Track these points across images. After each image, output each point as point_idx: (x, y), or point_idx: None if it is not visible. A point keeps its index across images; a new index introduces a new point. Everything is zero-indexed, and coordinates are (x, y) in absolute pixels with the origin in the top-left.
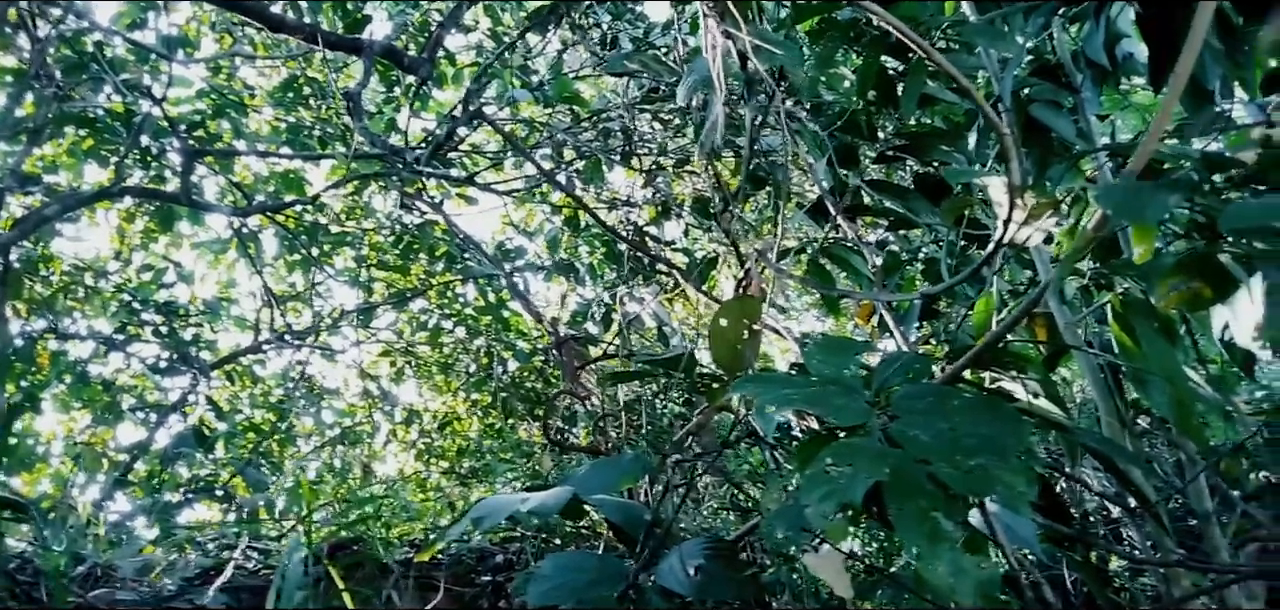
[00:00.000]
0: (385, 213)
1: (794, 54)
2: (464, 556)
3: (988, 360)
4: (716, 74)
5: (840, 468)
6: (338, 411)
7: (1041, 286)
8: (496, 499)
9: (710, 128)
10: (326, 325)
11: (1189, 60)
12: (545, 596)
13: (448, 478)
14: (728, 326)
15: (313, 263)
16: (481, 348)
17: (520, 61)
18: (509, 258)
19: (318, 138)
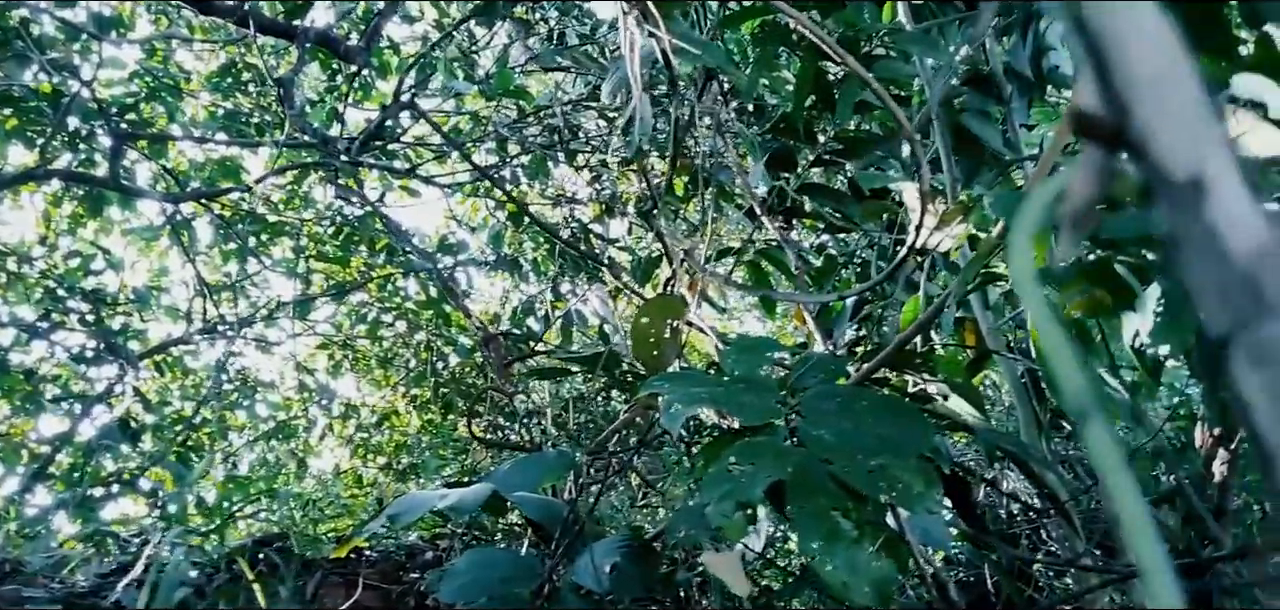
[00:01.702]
0: (324, 204)
1: (716, 54)
2: (393, 553)
3: (901, 363)
4: (633, 73)
5: (742, 466)
6: (272, 405)
7: (945, 293)
8: (415, 495)
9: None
10: (262, 316)
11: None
12: (458, 593)
13: (385, 473)
14: (649, 325)
15: (249, 252)
16: (422, 343)
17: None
18: (451, 252)
19: (255, 125)
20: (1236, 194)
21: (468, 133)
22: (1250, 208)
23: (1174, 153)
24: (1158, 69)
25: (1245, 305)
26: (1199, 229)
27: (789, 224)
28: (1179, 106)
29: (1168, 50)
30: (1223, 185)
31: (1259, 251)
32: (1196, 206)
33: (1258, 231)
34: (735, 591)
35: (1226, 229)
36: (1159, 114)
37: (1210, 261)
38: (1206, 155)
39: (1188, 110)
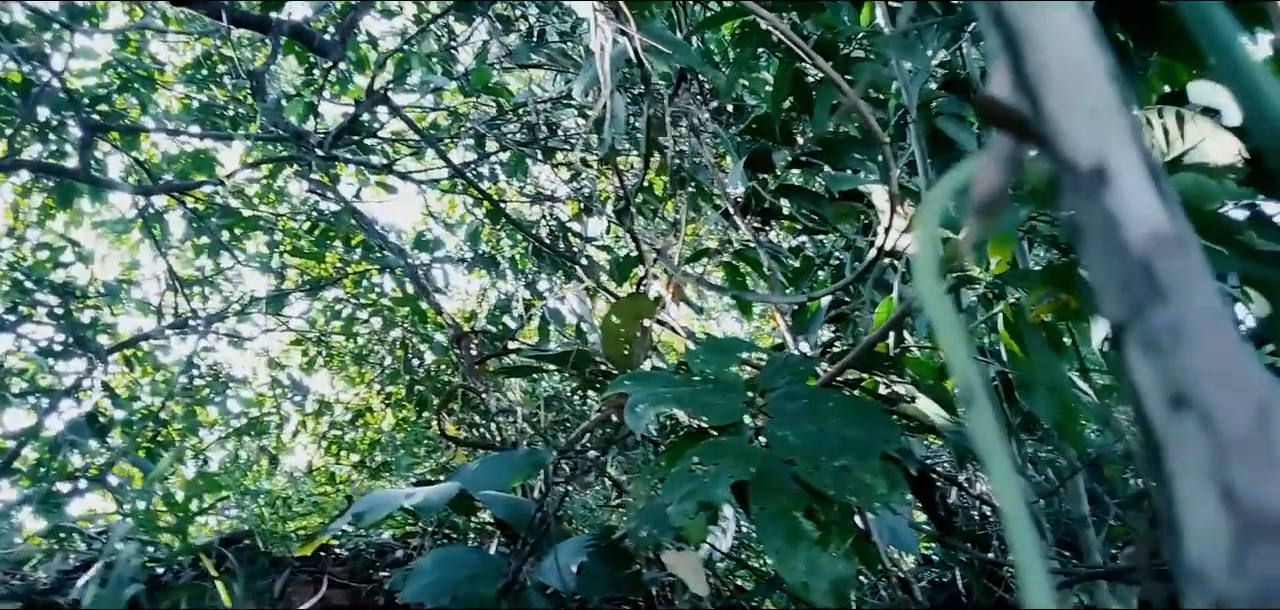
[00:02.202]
0: (299, 198)
1: (688, 53)
2: (362, 551)
3: (870, 364)
4: (603, 72)
5: (705, 466)
6: (244, 401)
7: (913, 297)
8: (382, 493)
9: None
10: (235, 311)
11: None
12: (422, 592)
13: (358, 471)
14: (620, 324)
15: (222, 246)
16: (397, 340)
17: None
18: (428, 249)
19: (230, 118)
20: (1138, 183)
21: (446, 129)
22: (1151, 197)
23: (1079, 142)
24: (1069, 59)
25: (1139, 293)
26: (1099, 217)
27: (766, 225)
28: (1087, 96)
29: (1080, 41)
30: (1125, 174)
31: (1155, 239)
32: (1098, 195)
33: (1156, 220)
34: (695, 591)
35: (1125, 217)
36: (1067, 103)
37: (1109, 250)
38: (1111, 145)
39: (1095, 100)
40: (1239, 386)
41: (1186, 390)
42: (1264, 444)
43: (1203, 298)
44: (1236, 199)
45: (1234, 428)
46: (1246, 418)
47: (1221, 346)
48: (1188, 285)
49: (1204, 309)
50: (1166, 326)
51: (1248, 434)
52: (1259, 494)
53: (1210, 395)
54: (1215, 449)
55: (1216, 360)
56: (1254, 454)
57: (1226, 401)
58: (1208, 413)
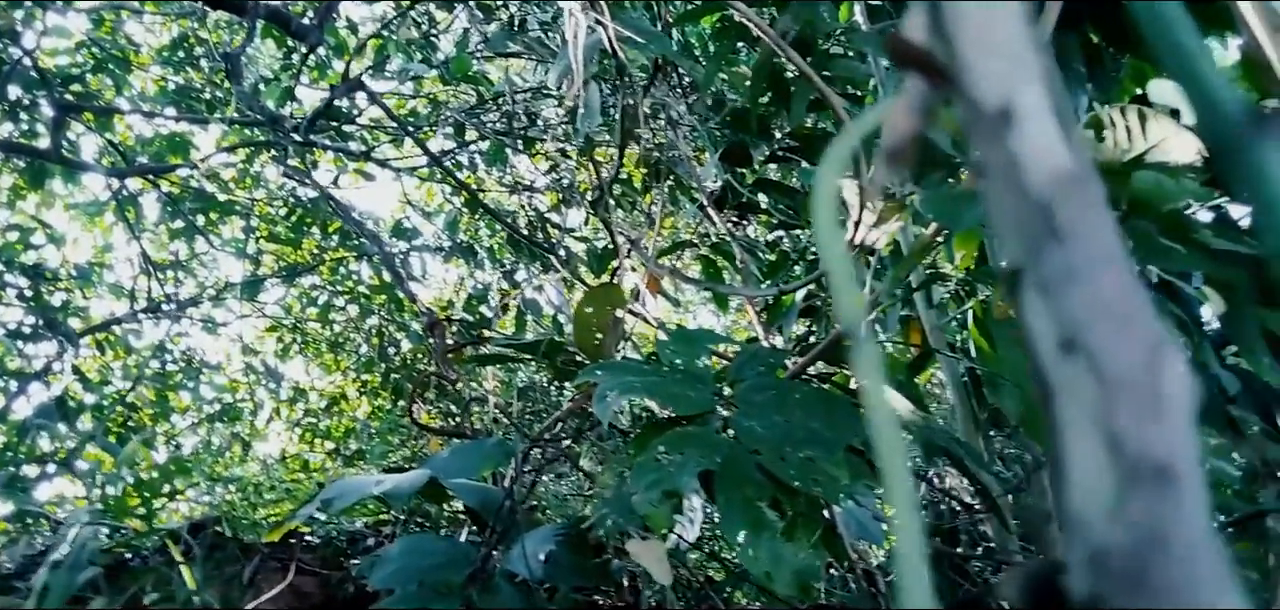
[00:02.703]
0: (276, 184)
1: (664, 45)
2: (334, 539)
3: (837, 358)
4: (576, 62)
5: (671, 456)
6: (217, 387)
7: (879, 291)
8: (351, 480)
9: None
10: (209, 297)
11: None
12: (388, 579)
13: (332, 459)
14: (591, 313)
15: (196, 231)
16: (374, 327)
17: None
18: (405, 237)
19: (206, 101)
20: (1043, 125)
21: (425, 117)
22: (1055, 138)
23: (987, 82)
24: None
25: (1037, 235)
26: (1002, 159)
27: (743, 218)
28: (997, 37)
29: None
30: (1030, 116)
31: (1055, 179)
32: (1002, 136)
33: (1058, 161)
34: (658, 580)
35: (1027, 158)
36: (977, 44)
37: (1010, 192)
38: (1018, 86)
39: (1006, 41)
40: (1129, 329)
41: (1076, 334)
42: (1151, 388)
43: (1099, 240)
44: (1196, 198)
45: (1121, 371)
46: (1135, 361)
47: (1113, 289)
48: (1085, 227)
49: (1099, 251)
50: (1061, 268)
51: (1135, 378)
52: (1142, 439)
53: (1099, 338)
54: (1102, 393)
55: (1107, 303)
56: (1140, 398)
57: (1115, 345)
58: (1096, 356)
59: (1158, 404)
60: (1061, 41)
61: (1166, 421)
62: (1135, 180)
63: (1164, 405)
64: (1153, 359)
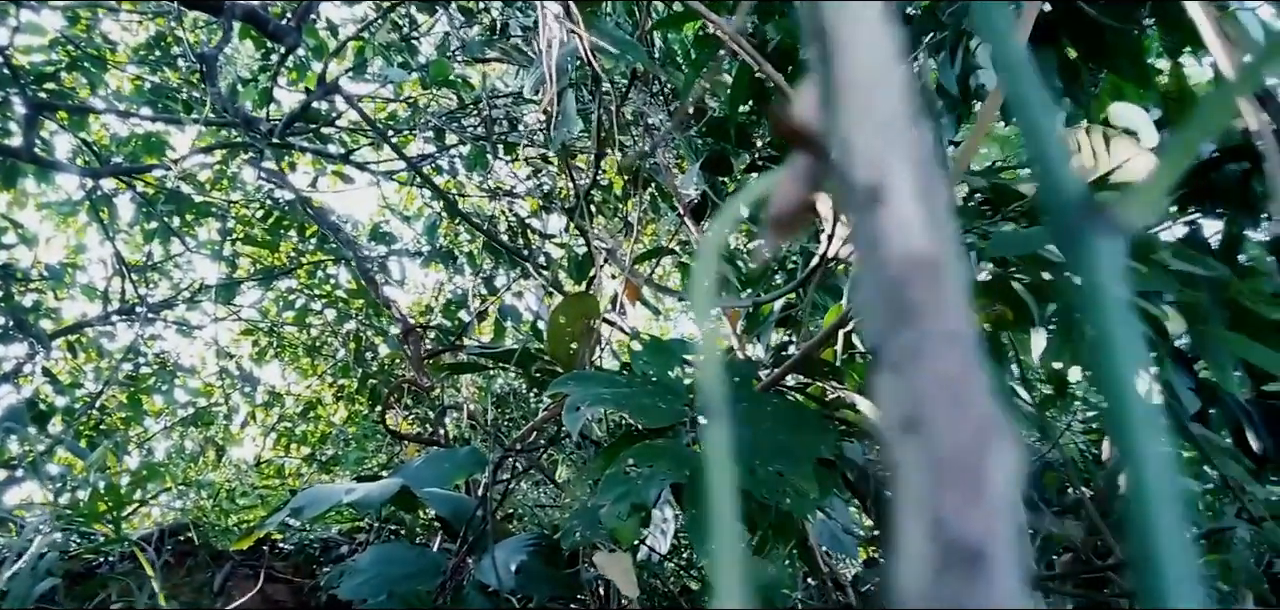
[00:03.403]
0: (253, 186)
1: (638, 53)
2: (307, 546)
3: (810, 369)
4: (549, 70)
5: (640, 469)
6: (191, 391)
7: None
8: (322, 488)
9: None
10: (184, 299)
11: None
12: (358, 589)
13: (307, 465)
14: (566, 323)
15: (172, 232)
16: (351, 332)
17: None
18: (384, 241)
19: (183, 102)
20: (909, 204)
21: (405, 121)
22: (919, 221)
23: (862, 160)
24: (867, 74)
25: (891, 313)
26: (870, 237)
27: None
28: (877, 114)
29: (881, 54)
30: (898, 195)
31: (911, 261)
32: (871, 214)
33: (917, 242)
34: (625, 592)
35: (889, 238)
36: (858, 119)
37: (872, 270)
38: (891, 164)
39: (885, 118)
40: (963, 413)
41: (916, 413)
42: (974, 473)
43: (947, 322)
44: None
45: (949, 454)
46: (963, 445)
47: (953, 369)
48: (934, 309)
49: (945, 333)
50: (908, 348)
51: (961, 461)
52: (960, 522)
53: (934, 418)
54: (932, 473)
55: (946, 385)
56: (964, 482)
57: (947, 427)
58: (930, 436)
59: (979, 488)
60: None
61: (985, 506)
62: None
63: (985, 490)
64: (980, 443)
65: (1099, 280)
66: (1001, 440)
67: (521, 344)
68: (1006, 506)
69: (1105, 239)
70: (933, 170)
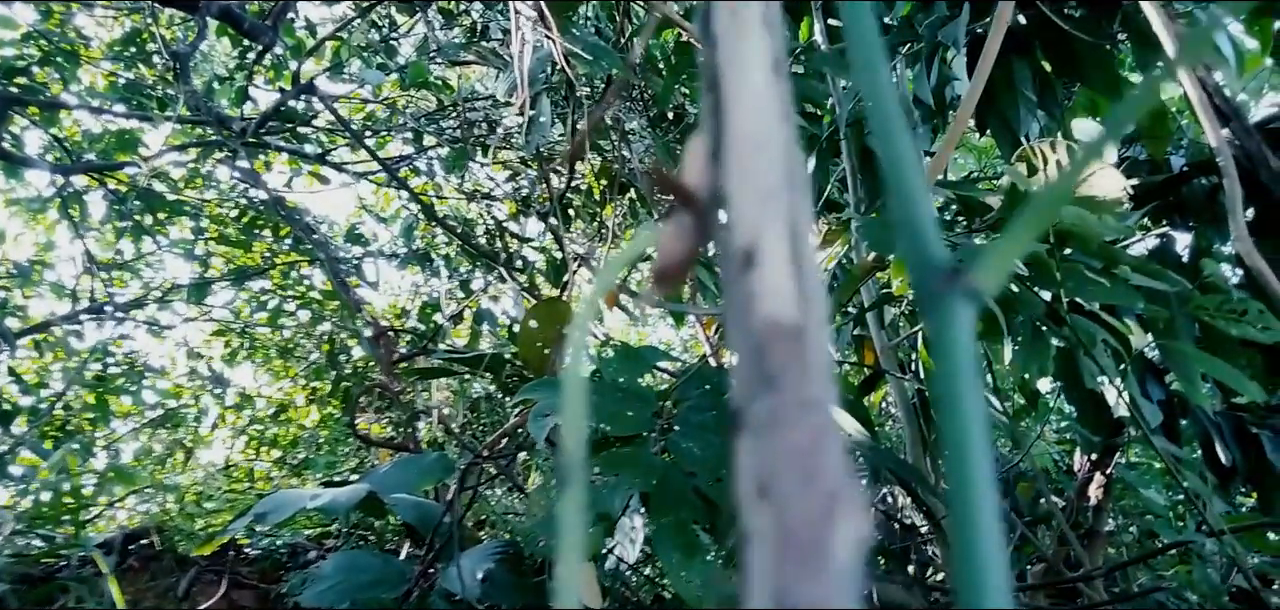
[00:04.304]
0: (227, 184)
1: (610, 58)
2: (274, 552)
3: None
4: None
5: (605, 477)
6: (161, 392)
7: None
8: (286, 493)
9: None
10: (155, 298)
11: (966, 111)
12: (321, 597)
13: (278, 468)
14: (538, 328)
15: (144, 231)
16: (325, 334)
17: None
18: (360, 243)
19: (157, 99)
20: (779, 269)
21: (383, 122)
22: (787, 284)
23: (739, 220)
24: (752, 131)
25: (752, 379)
26: (740, 300)
27: None
28: (757, 177)
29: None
30: (770, 259)
31: (773, 327)
32: (743, 277)
33: (782, 308)
34: (588, 604)
35: (756, 302)
36: (738, 180)
37: (739, 331)
38: (765, 227)
39: (765, 179)
40: (812, 483)
41: (767, 480)
42: (820, 542)
43: (806, 391)
44: (1117, 233)
45: (797, 522)
46: (810, 515)
47: (806, 440)
48: (795, 377)
49: (802, 401)
50: (765, 414)
51: (808, 530)
52: (800, 592)
53: (784, 488)
54: (777, 542)
55: (798, 453)
56: (808, 551)
57: (796, 496)
58: (779, 505)
59: (822, 560)
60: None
61: (827, 578)
62: (1060, 213)
63: (828, 563)
64: (827, 516)
65: (952, 342)
66: (849, 513)
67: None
68: (848, 579)
69: (962, 303)
70: (806, 238)
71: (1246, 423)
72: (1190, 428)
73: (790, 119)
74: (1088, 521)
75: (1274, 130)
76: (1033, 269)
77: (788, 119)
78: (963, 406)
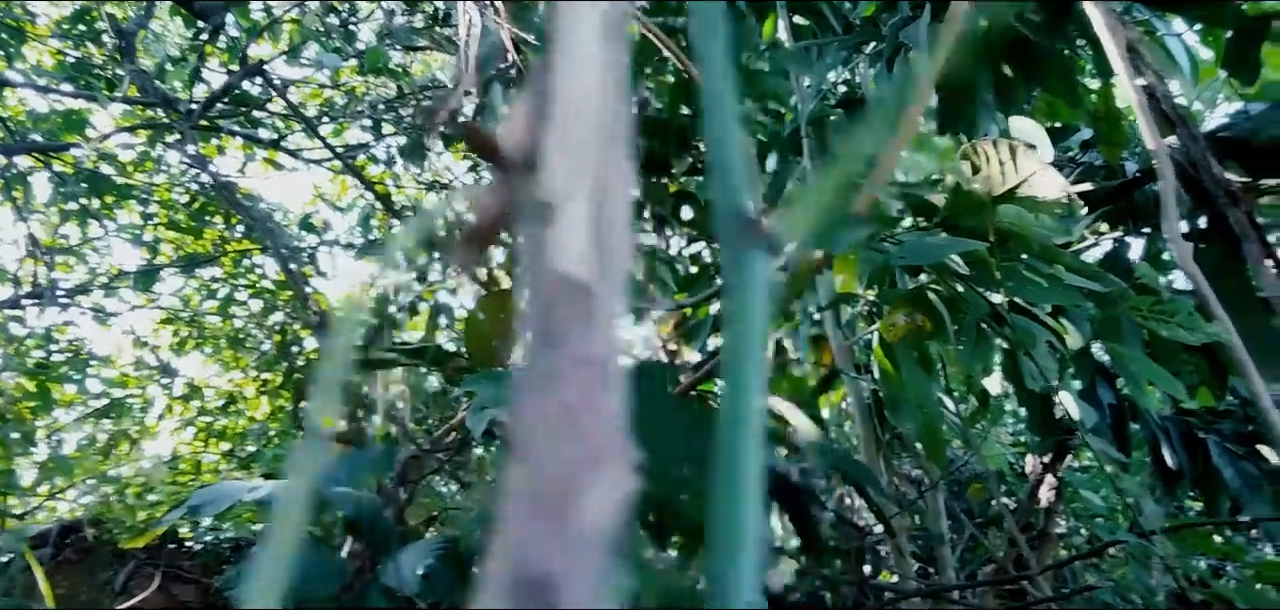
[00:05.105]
0: (178, 169)
1: None
2: (216, 546)
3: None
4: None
5: None
6: (106, 381)
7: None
8: (223, 485)
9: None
10: (101, 285)
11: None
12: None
13: (227, 461)
14: (484, 321)
15: (90, 215)
16: (277, 324)
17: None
18: (314, 231)
19: (106, 79)
20: (579, 229)
21: (341, 109)
22: (584, 244)
23: (548, 178)
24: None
25: (537, 334)
26: (534, 255)
27: (661, 229)
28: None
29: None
30: (571, 218)
31: (564, 283)
32: (540, 233)
33: (575, 266)
34: None
35: (551, 258)
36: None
37: (532, 289)
38: (573, 187)
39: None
40: (574, 440)
41: (528, 439)
42: (567, 502)
43: (588, 348)
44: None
45: (548, 481)
46: (563, 473)
47: (576, 398)
48: (577, 335)
49: (581, 358)
50: (544, 371)
51: (557, 489)
52: (537, 553)
53: (542, 446)
54: (525, 501)
55: (565, 411)
56: (554, 511)
57: (553, 454)
58: (534, 463)
59: (566, 521)
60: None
61: (568, 540)
62: (1000, 213)
63: (573, 523)
64: (580, 476)
65: (747, 290)
66: (608, 474)
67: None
68: (593, 541)
69: (759, 254)
70: (618, 200)
71: (1194, 427)
72: (1141, 432)
73: (620, 84)
74: (1039, 523)
75: (1224, 139)
76: (974, 268)
77: (616, 83)
78: (747, 355)
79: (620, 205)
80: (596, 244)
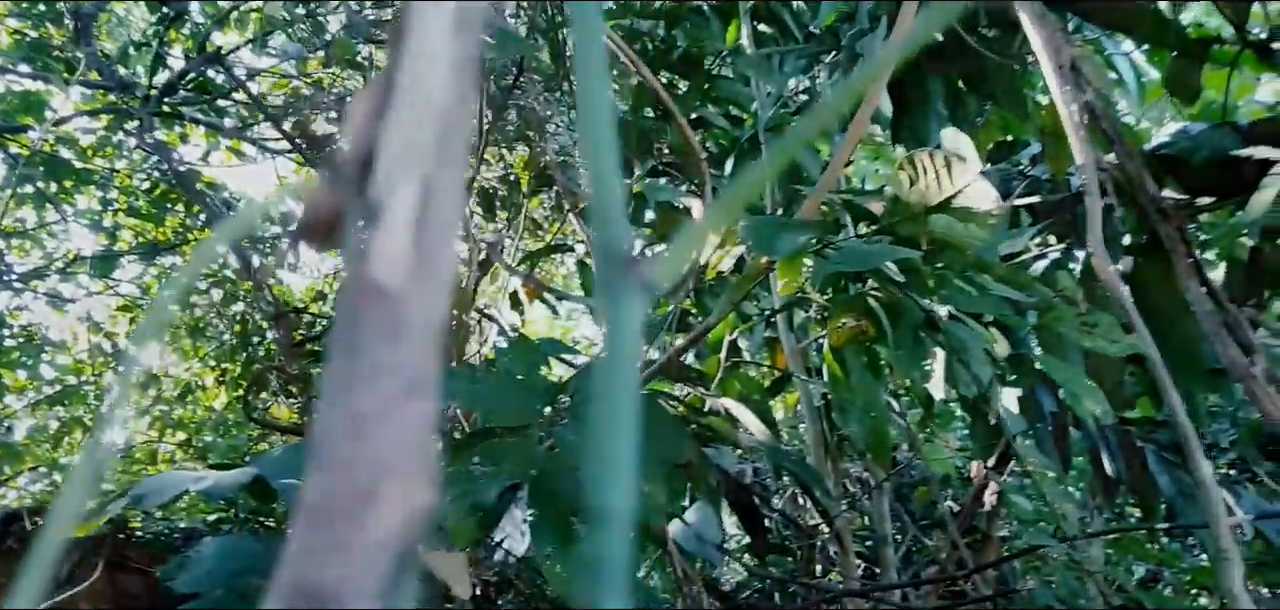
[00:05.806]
0: (139, 155)
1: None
2: (165, 535)
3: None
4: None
5: (484, 467)
6: (60, 367)
7: (713, 315)
8: (169, 474)
9: None
10: (57, 269)
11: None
12: (194, 581)
13: (183, 451)
14: None
15: (47, 199)
16: (238, 314)
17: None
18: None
19: (65, 61)
20: (400, 232)
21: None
22: (403, 249)
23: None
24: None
25: (343, 339)
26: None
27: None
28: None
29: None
30: (392, 220)
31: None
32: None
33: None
34: (457, 593)
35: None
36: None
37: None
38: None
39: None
40: (368, 451)
41: (323, 449)
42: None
43: (389, 355)
44: (984, 243)
45: (338, 493)
46: (353, 485)
47: (376, 405)
48: (382, 342)
49: (382, 365)
50: (344, 378)
51: (346, 501)
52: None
53: (335, 456)
54: (312, 512)
55: (361, 419)
56: (339, 523)
57: (345, 465)
58: (325, 474)
59: (351, 535)
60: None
61: (352, 554)
62: (931, 222)
63: (359, 538)
64: (371, 489)
65: (621, 326)
66: (401, 488)
67: None
68: (379, 557)
69: (634, 293)
70: (448, 203)
71: (1133, 436)
72: (1083, 439)
73: (465, 81)
74: (982, 526)
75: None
76: (909, 275)
77: (461, 81)
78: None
79: (450, 207)
80: (417, 249)
